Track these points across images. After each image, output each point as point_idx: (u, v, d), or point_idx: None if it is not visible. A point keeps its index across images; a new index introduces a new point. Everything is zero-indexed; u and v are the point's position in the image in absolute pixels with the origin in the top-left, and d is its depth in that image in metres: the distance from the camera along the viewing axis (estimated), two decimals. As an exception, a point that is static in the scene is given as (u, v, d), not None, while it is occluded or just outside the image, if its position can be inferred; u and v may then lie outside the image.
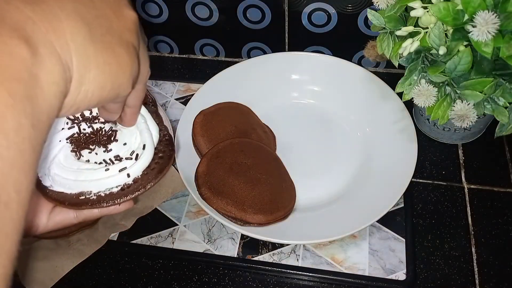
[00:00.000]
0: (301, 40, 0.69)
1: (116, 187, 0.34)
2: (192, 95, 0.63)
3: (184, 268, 0.52)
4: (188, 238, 0.54)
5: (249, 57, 0.73)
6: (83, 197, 0.33)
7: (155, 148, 0.35)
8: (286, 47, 0.70)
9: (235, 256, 0.52)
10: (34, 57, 0.20)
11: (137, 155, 0.34)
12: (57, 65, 0.21)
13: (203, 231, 0.54)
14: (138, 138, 0.35)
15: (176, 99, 0.68)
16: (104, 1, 0.25)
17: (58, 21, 0.22)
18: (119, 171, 0.34)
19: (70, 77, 0.22)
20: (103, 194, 0.33)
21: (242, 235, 0.53)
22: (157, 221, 0.55)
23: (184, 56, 0.76)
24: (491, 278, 0.49)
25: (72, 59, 0.22)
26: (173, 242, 0.53)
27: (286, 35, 0.68)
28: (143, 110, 0.36)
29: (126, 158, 0.34)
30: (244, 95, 0.63)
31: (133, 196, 0.33)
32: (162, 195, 0.56)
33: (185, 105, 0.61)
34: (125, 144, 0.35)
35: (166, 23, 0.71)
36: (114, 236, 0.54)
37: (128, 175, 0.34)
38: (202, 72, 0.73)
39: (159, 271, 0.52)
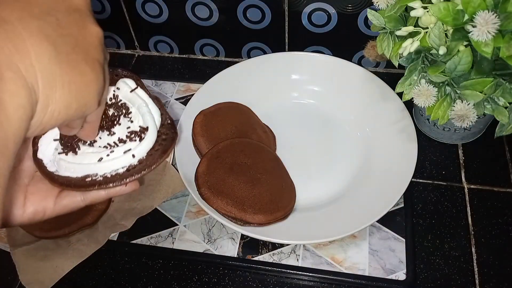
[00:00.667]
0: (301, 40, 0.69)
1: (122, 168, 0.34)
2: (192, 95, 0.63)
3: (184, 268, 0.52)
4: (188, 238, 0.54)
5: (249, 57, 0.73)
6: (89, 179, 0.34)
7: (158, 131, 0.36)
8: (286, 47, 0.70)
9: (235, 256, 0.52)
10: None
11: (141, 136, 0.35)
12: (23, 88, 0.21)
13: (203, 231, 0.54)
14: (141, 121, 0.35)
15: (176, 99, 0.68)
16: (68, 18, 0.24)
17: (22, 41, 0.21)
18: (124, 152, 0.34)
19: (36, 99, 0.22)
20: (109, 175, 0.34)
21: (242, 235, 0.53)
22: (157, 221, 0.55)
23: (184, 56, 0.76)
24: (491, 278, 0.49)
25: (38, 81, 0.22)
26: (173, 242, 0.53)
27: (286, 35, 0.68)
28: (144, 94, 0.36)
29: (130, 140, 0.35)
30: (244, 95, 0.63)
31: (139, 175, 0.34)
32: (162, 195, 0.56)
33: (185, 105, 0.62)
34: (128, 127, 0.35)
35: (166, 23, 0.71)
36: (114, 236, 0.54)
37: (133, 156, 0.34)
38: (202, 72, 0.73)
39: (159, 271, 0.52)
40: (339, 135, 0.61)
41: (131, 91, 0.36)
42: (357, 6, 0.62)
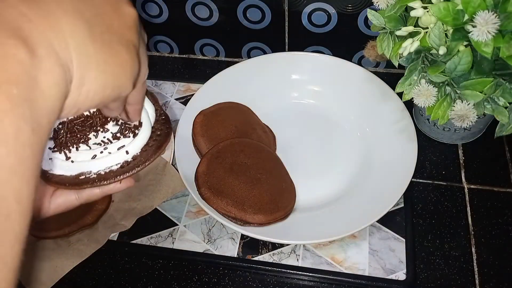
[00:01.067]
0: (301, 40, 0.69)
1: (116, 165, 0.34)
2: (192, 95, 0.63)
3: (184, 268, 0.52)
4: (188, 238, 0.54)
5: (249, 57, 0.73)
6: (83, 177, 0.33)
7: (152, 127, 0.35)
8: (286, 47, 0.70)
9: (235, 256, 0.52)
10: (33, 58, 0.19)
11: (135, 133, 0.34)
12: (57, 65, 0.20)
13: (203, 231, 0.54)
14: None
15: (176, 99, 0.68)
16: None
17: (56, 18, 0.21)
18: (118, 149, 0.34)
19: (71, 78, 0.22)
20: (103, 172, 0.33)
21: (242, 235, 0.53)
22: (157, 221, 0.55)
23: (184, 56, 0.76)
24: (491, 278, 0.49)
25: (72, 59, 0.21)
26: (173, 242, 0.53)
27: (286, 35, 0.68)
28: None
29: (124, 137, 0.34)
30: (244, 95, 0.63)
31: (133, 172, 0.34)
32: (162, 195, 0.56)
33: (185, 105, 0.61)
34: (122, 124, 0.35)
35: (166, 23, 0.71)
36: (114, 236, 0.54)
37: (127, 152, 0.34)
38: (202, 72, 0.73)
39: (159, 271, 0.52)
40: (339, 135, 0.61)
41: None
42: (357, 6, 0.62)
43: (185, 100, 0.67)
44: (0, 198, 0.18)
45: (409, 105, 0.55)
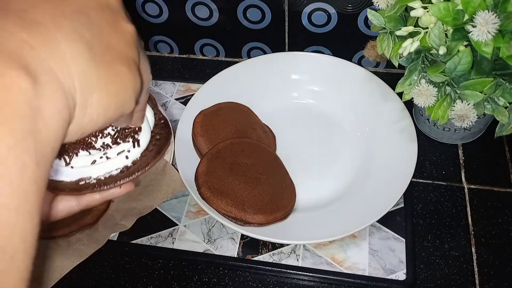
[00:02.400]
0: (301, 40, 0.69)
1: (116, 170, 0.34)
2: (192, 95, 0.63)
3: (184, 268, 0.52)
4: (188, 238, 0.54)
5: (249, 57, 0.73)
6: (83, 182, 0.33)
7: (152, 131, 0.35)
8: (286, 47, 0.70)
9: (235, 256, 0.52)
10: (35, 87, 0.19)
11: (134, 137, 0.34)
12: (59, 92, 0.20)
13: (203, 231, 0.54)
14: None
15: (176, 99, 0.68)
16: (100, 15, 0.24)
17: (57, 43, 0.20)
18: (117, 154, 0.34)
19: (74, 103, 0.21)
20: (102, 178, 0.33)
21: (242, 235, 0.53)
22: (157, 221, 0.55)
23: (184, 56, 0.76)
24: (491, 278, 0.49)
25: (75, 84, 0.21)
26: (173, 242, 0.53)
27: (286, 35, 0.68)
28: None
29: (124, 142, 0.34)
30: (244, 95, 0.63)
31: (133, 177, 0.33)
32: (162, 195, 0.56)
33: (185, 105, 0.61)
34: (121, 128, 0.35)
35: (166, 23, 0.71)
36: (114, 236, 0.54)
37: (127, 157, 0.34)
38: (202, 72, 0.73)
39: (159, 271, 0.52)
40: (339, 135, 0.61)
41: None
42: (357, 6, 0.62)
43: (185, 100, 0.67)
44: (6, 239, 0.17)
45: (409, 105, 0.55)
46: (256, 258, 0.52)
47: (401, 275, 0.49)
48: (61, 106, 0.20)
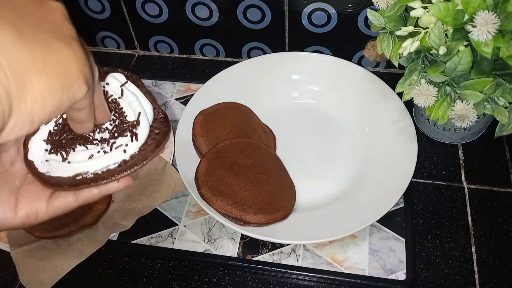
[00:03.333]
0: (301, 40, 0.69)
1: (113, 164, 0.33)
2: (192, 95, 0.63)
3: (184, 268, 0.52)
4: (188, 238, 0.54)
5: (249, 57, 0.73)
6: (80, 177, 0.33)
7: (151, 126, 0.35)
8: (286, 47, 0.70)
9: (235, 256, 0.52)
10: None
11: (132, 131, 0.34)
12: None
13: (203, 231, 0.54)
14: (132, 115, 0.35)
15: (176, 99, 0.68)
16: None
17: None
18: (115, 148, 0.33)
19: (7, 88, 0.20)
20: (100, 172, 0.33)
21: (242, 235, 0.53)
22: (157, 221, 0.55)
23: (184, 56, 0.76)
24: (491, 278, 0.49)
25: (5, 68, 0.20)
26: (173, 242, 0.53)
27: (286, 35, 0.68)
28: (134, 88, 0.35)
29: (121, 136, 0.34)
30: (244, 95, 0.63)
31: (131, 171, 0.33)
32: (162, 195, 0.56)
33: (185, 105, 0.61)
34: (119, 122, 0.34)
35: (166, 23, 0.71)
36: (114, 236, 0.54)
37: (125, 151, 0.33)
38: (202, 72, 0.73)
39: (159, 271, 0.52)
40: (339, 135, 0.61)
41: (121, 85, 0.35)
42: (357, 6, 0.62)
43: (185, 100, 0.67)
44: None
45: (409, 105, 0.55)
46: (256, 258, 0.52)
47: (401, 275, 0.49)
48: None
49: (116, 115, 0.35)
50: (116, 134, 0.34)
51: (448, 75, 0.44)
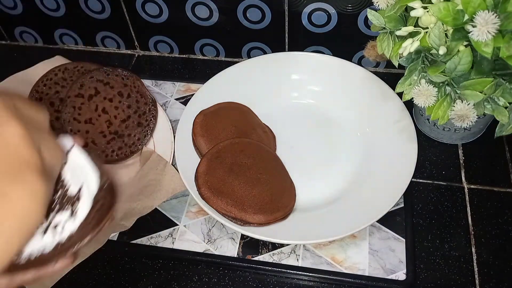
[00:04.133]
0: (301, 40, 0.69)
1: (49, 246, 0.30)
2: (192, 95, 0.63)
3: (184, 268, 0.52)
4: (188, 238, 0.54)
5: (249, 57, 0.73)
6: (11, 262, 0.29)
7: (95, 197, 0.31)
8: (286, 47, 0.70)
9: (235, 256, 0.52)
10: None
11: (71, 209, 0.30)
12: None
13: (203, 231, 0.54)
14: (75, 186, 0.31)
15: (176, 99, 0.68)
16: None
17: None
18: (54, 227, 0.30)
19: None
20: (33, 258, 0.29)
21: (242, 235, 0.53)
22: (157, 221, 0.55)
23: (184, 56, 0.76)
24: (491, 278, 0.49)
25: None
26: (173, 242, 0.53)
27: (286, 35, 0.68)
28: (81, 156, 0.32)
29: (61, 210, 0.30)
30: (244, 95, 0.63)
31: (67, 254, 0.30)
32: (162, 195, 0.56)
33: (185, 105, 0.62)
34: (59, 197, 0.31)
35: (166, 23, 0.71)
36: (114, 236, 0.54)
37: (62, 231, 0.30)
38: (202, 72, 0.73)
39: (159, 271, 0.52)
40: (339, 135, 0.61)
41: (67, 152, 0.31)
42: (357, 6, 0.62)
43: (185, 100, 0.67)
44: None
45: (409, 105, 0.55)
46: (256, 258, 0.52)
47: (401, 275, 0.49)
48: None
49: (58, 185, 0.31)
50: (57, 208, 0.30)
51: (448, 75, 0.44)
